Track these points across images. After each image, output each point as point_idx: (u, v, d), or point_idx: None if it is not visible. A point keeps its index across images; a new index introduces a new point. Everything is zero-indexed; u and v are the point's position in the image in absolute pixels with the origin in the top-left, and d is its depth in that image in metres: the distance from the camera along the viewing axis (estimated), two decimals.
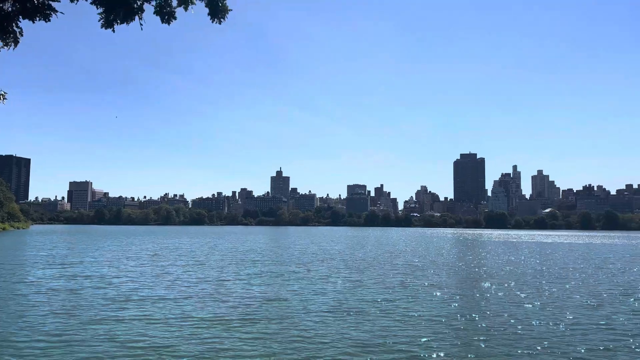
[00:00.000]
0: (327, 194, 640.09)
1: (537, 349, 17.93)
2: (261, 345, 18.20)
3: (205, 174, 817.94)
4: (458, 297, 29.74)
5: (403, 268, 48.03)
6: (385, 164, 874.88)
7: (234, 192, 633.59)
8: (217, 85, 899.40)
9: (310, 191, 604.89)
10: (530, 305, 26.93)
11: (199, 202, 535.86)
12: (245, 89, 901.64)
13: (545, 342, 18.85)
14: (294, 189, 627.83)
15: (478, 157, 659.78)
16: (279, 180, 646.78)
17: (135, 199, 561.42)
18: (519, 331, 20.68)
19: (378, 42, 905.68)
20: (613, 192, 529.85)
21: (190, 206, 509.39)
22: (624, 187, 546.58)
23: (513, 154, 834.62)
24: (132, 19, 9.58)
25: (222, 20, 9.86)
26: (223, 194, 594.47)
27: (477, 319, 23.23)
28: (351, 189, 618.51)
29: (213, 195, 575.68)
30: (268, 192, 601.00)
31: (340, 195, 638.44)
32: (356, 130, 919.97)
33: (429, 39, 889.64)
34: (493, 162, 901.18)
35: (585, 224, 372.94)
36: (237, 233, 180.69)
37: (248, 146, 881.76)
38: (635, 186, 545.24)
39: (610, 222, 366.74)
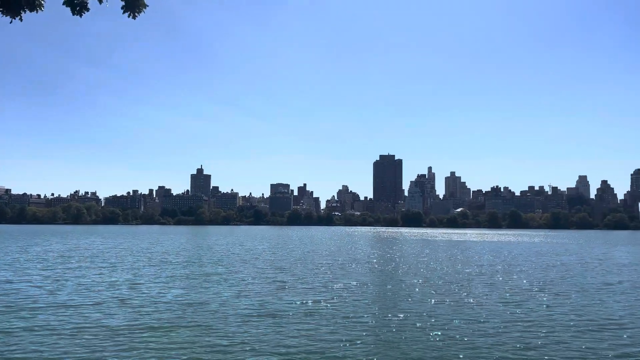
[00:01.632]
0: (250, 193, 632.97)
1: (455, 343, 18.27)
2: (179, 355, 16.95)
3: (120, 171, 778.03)
4: (381, 296, 29.98)
5: (326, 267, 48.01)
6: (309, 164, 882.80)
7: (151, 190, 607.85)
8: (135, 80, 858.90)
9: (232, 190, 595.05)
10: (451, 302, 27.68)
11: (113, 200, 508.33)
12: (164, 84, 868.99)
13: (465, 337, 19.28)
14: (216, 188, 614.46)
15: (396, 158, 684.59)
16: (200, 179, 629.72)
17: (42, 196, 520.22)
18: (441, 328, 21.02)
19: (302, 42, 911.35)
20: (517, 193, 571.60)
21: (103, 204, 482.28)
22: (527, 189, 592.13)
23: (428, 156, 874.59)
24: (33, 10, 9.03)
25: (136, 14, 9.54)
26: (139, 192, 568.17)
27: (400, 316, 23.39)
28: (274, 188, 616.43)
29: (128, 193, 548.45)
30: (188, 191, 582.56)
31: (263, 194, 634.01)
32: (280, 130, 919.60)
33: (351, 40, 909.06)
34: (410, 163, 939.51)
35: (493, 223, 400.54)
36: (154, 233, 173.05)
37: (167, 143, 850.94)
38: (536, 188, 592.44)
39: (515, 221, 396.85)
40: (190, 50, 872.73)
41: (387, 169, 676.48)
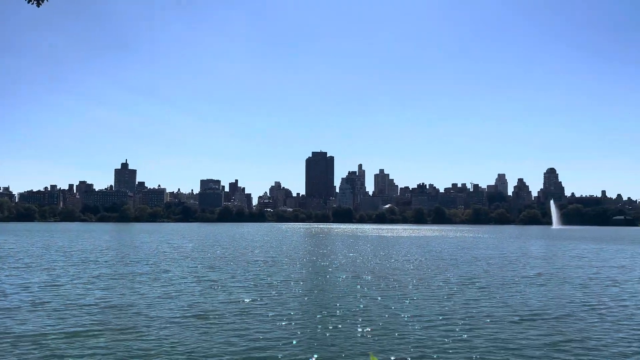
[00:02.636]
0: (179, 189, 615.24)
1: (385, 337, 18.46)
2: None
3: (36, 165, 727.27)
4: (315, 292, 29.84)
5: (259, 264, 47.32)
6: (241, 160, 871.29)
7: (71, 186, 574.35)
8: (51, 69, 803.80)
9: (159, 185, 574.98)
10: (381, 296, 28.06)
11: (28, 195, 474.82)
12: (86, 74, 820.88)
13: (396, 332, 19.53)
14: (142, 183, 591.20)
15: (328, 155, 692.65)
16: (124, 174, 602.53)
17: None
18: (373, 323, 21.18)
19: (234, 36, 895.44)
20: (442, 191, 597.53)
21: (17, 200, 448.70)
22: (451, 186, 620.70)
23: (359, 154, 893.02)
24: None
25: (40, 2, 9.41)
26: (58, 187, 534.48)
27: (334, 312, 23.33)
28: (204, 183, 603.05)
29: (45, 188, 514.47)
30: (111, 186, 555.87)
31: (192, 190, 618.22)
32: (210, 125, 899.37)
33: (284, 36, 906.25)
34: (341, 160, 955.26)
35: (419, 218, 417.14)
36: (75, 230, 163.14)
37: (88, 136, 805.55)
38: (459, 185, 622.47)
39: (439, 217, 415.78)
40: (113, 39, 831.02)
41: (319, 166, 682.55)
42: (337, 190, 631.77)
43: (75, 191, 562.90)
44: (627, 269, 46.41)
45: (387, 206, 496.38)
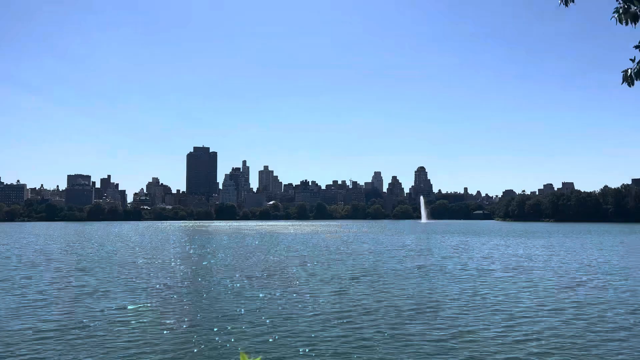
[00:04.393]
0: (42, 185, 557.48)
1: (276, 332, 18.39)
2: None
3: None
4: (197, 293, 28.79)
5: (133, 267, 44.47)
6: (114, 154, 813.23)
7: None
8: None
9: (18, 181, 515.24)
10: (272, 294, 27.92)
11: None
12: None
13: (287, 329, 19.53)
14: None
15: (211, 151, 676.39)
16: None
17: None
18: (264, 321, 20.95)
19: (111, 24, 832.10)
20: (323, 187, 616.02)
21: None
22: (332, 183, 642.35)
23: (243, 150, 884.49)
24: None
25: None
26: None
27: (216, 314, 22.70)
28: (72, 179, 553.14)
29: None
30: None
31: (58, 186, 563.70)
32: (78, 115, 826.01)
33: (165, 27, 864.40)
34: (225, 156, 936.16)
35: (302, 214, 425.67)
36: None
37: None
38: (339, 182, 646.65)
39: (321, 213, 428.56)
40: None
41: (201, 162, 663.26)
42: (221, 186, 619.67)
43: None
44: (492, 259, 51.75)
45: (271, 202, 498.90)
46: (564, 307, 25.06)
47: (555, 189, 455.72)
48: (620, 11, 5.24)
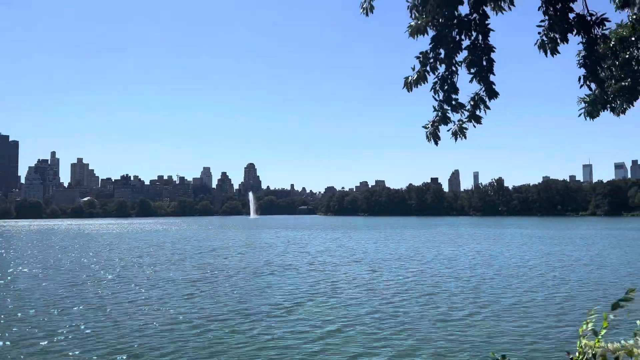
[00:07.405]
0: None
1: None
2: None
3: None
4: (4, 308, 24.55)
5: None
6: None
7: None
8: None
9: None
10: (87, 304, 25.18)
11: None
12: None
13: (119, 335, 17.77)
14: None
15: (11, 139, 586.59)
16: None
17: None
18: (91, 325, 18.73)
19: None
20: (147, 182, 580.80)
21: None
22: (157, 178, 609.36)
23: (52, 139, 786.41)
24: None
25: None
26: None
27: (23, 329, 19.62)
28: None
29: None
30: None
31: None
32: None
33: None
34: (29, 146, 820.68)
35: (122, 212, 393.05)
36: None
37: None
38: (165, 177, 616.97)
39: (144, 210, 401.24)
40: None
41: None
42: (23, 180, 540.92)
43: None
44: (327, 252, 54.54)
45: (85, 199, 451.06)
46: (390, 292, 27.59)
47: (370, 186, 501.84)
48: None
